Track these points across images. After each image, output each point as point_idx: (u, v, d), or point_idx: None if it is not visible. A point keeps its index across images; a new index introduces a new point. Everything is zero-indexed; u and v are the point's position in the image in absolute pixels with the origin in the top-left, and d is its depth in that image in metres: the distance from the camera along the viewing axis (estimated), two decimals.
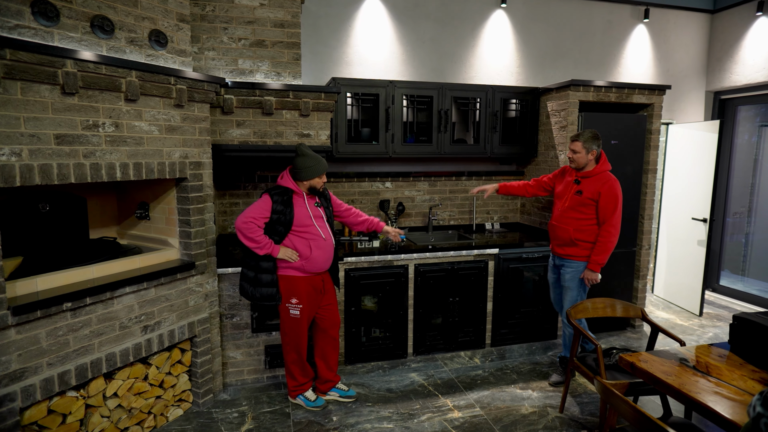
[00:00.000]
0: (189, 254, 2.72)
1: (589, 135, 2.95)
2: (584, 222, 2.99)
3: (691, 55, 4.92)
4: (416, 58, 4.06)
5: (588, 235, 2.99)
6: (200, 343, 2.80)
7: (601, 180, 2.94)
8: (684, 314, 4.53)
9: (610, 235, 2.92)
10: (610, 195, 2.90)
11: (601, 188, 2.91)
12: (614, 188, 2.92)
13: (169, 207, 2.75)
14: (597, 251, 2.94)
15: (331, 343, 2.92)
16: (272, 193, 2.64)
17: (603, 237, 2.92)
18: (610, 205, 2.90)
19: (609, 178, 2.95)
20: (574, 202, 3.02)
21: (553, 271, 3.27)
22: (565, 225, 3.06)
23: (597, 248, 2.94)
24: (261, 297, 2.68)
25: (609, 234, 2.92)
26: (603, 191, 2.90)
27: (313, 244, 2.68)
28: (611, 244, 2.93)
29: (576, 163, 3.00)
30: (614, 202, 2.90)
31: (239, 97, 2.96)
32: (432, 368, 3.38)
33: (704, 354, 2.02)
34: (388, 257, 3.36)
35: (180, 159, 2.60)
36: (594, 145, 2.95)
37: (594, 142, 2.95)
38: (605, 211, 2.91)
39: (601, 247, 2.92)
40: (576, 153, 2.98)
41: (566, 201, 3.08)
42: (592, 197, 2.94)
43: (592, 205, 2.95)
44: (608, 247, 2.93)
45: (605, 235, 2.91)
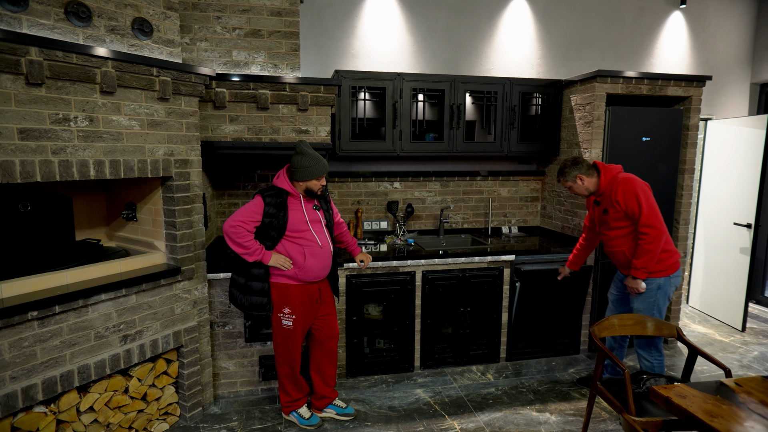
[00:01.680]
0: (175, 258, 2.54)
1: (563, 169, 2.73)
2: (630, 236, 2.65)
3: (735, 44, 4.48)
4: (428, 50, 3.79)
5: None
6: (188, 353, 2.61)
7: (613, 187, 2.63)
8: (724, 329, 4.11)
9: (647, 236, 2.52)
10: (627, 193, 2.57)
11: (616, 194, 2.60)
12: (629, 185, 2.58)
13: (155, 208, 2.58)
14: (636, 256, 2.58)
15: (328, 356, 2.70)
16: (265, 195, 2.43)
17: (641, 239, 2.55)
18: (631, 204, 2.56)
19: (618, 180, 2.63)
20: (606, 222, 2.71)
21: (618, 288, 2.90)
22: (617, 248, 2.72)
23: (636, 253, 2.58)
24: (251, 306, 2.48)
25: (646, 235, 2.53)
26: (618, 195, 2.59)
27: (307, 252, 2.46)
28: (651, 246, 2.53)
29: (580, 194, 2.77)
30: (633, 198, 2.54)
31: (232, 90, 2.77)
32: (440, 384, 3.11)
33: (758, 388, 1.69)
34: (394, 263, 3.11)
35: (164, 156, 2.42)
36: (575, 171, 2.69)
37: (573, 169, 2.69)
38: (632, 212, 2.57)
39: (640, 251, 2.56)
40: (570, 188, 2.77)
41: (601, 225, 2.78)
42: (616, 207, 2.62)
43: (622, 215, 2.61)
44: (648, 249, 2.53)
45: (643, 237, 2.54)
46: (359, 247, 2.88)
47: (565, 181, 2.74)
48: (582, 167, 2.69)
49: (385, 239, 3.58)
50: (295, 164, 2.41)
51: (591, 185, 2.69)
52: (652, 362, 2.68)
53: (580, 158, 2.72)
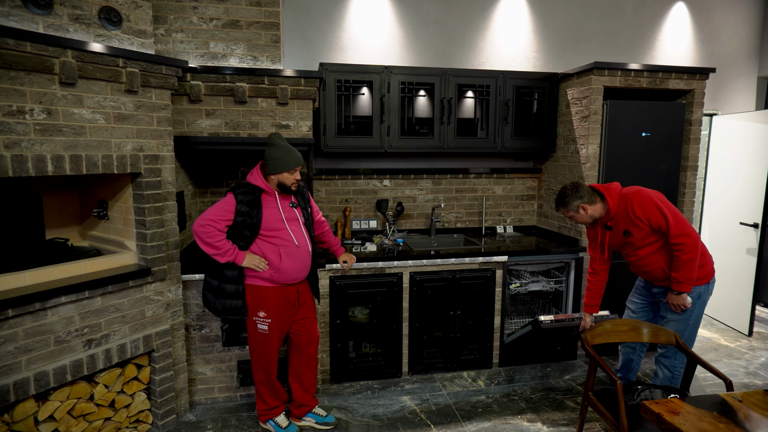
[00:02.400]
0: (145, 259, 2.42)
1: (565, 198, 2.42)
2: (663, 249, 2.36)
3: (741, 36, 4.30)
4: (419, 43, 3.65)
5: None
6: (160, 358, 2.50)
7: (626, 206, 2.35)
8: (730, 333, 3.93)
9: (683, 245, 2.24)
10: (645, 207, 2.29)
11: (635, 211, 2.32)
12: (643, 198, 2.31)
13: (125, 206, 2.47)
14: (675, 268, 2.29)
15: (307, 362, 2.57)
16: (237, 192, 2.31)
17: (677, 250, 2.27)
18: (655, 217, 2.28)
19: (628, 197, 2.35)
20: (632, 242, 2.41)
21: (641, 296, 2.62)
22: (653, 265, 2.42)
23: (674, 265, 2.30)
24: (224, 309, 2.36)
25: (681, 245, 2.24)
26: (638, 212, 2.31)
27: (283, 252, 2.33)
28: (690, 255, 2.24)
29: (585, 223, 2.48)
30: (655, 210, 2.27)
31: (207, 83, 2.65)
32: (428, 391, 2.97)
33: (759, 404, 1.54)
34: (379, 264, 2.97)
35: (133, 152, 2.30)
36: (577, 201, 2.38)
37: (574, 199, 2.39)
38: (659, 225, 2.29)
39: (678, 263, 2.27)
40: (572, 218, 2.47)
41: (624, 247, 2.48)
42: (640, 225, 2.33)
43: (649, 231, 2.34)
44: (687, 260, 2.24)
45: (678, 248, 2.25)
46: (343, 248, 2.75)
47: (567, 211, 2.44)
48: (584, 195, 2.38)
49: (374, 239, 3.45)
50: (266, 156, 2.29)
51: (596, 212, 2.40)
52: (674, 373, 2.43)
53: (580, 184, 2.41)
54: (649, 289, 2.58)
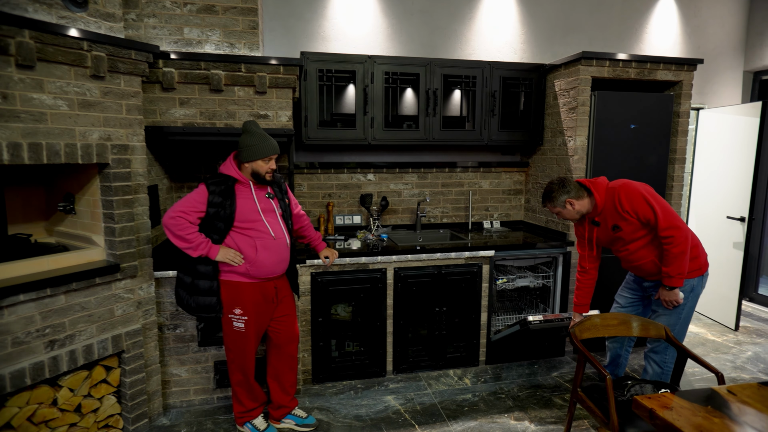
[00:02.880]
0: (114, 254, 2.29)
1: (550, 194, 2.37)
2: (654, 243, 2.31)
3: (727, 30, 4.28)
4: (404, 33, 3.56)
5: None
6: (130, 359, 2.37)
7: (613, 200, 2.30)
8: (717, 328, 3.91)
9: (673, 239, 2.18)
10: (633, 200, 2.24)
11: (622, 204, 2.26)
12: (630, 190, 2.26)
13: (92, 199, 2.33)
14: (665, 263, 2.24)
15: (287, 361, 2.46)
16: (209, 183, 2.20)
17: (666, 243, 2.22)
18: (643, 210, 2.23)
19: (615, 190, 2.30)
20: (621, 237, 2.35)
21: (631, 290, 2.56)
22: (643, 259, 2.36)
23: (664, 260, 2.24)
24: (198, 307, 2.24)
25: (671, 239, 2.19)
26: (626, 205, 2.26)
27: (259, 244, 2.22)
28: (680, 248, 2.18)
29: (572, 219, 2.43)
30: (643, 203, 2.22)
31: (181, 70, 2.52)
32: (413, 390, 2.88)
33: (754, 397, 1.48)
34: (362, 259, 2.88)
35: (99, 141, 2.17)
36: (564, 196, 2.33)
37: (561, 194, 2.33)
38: (647, 219, 2.24)
39: (668, 256, 2.21)
40: (559, 214, 2.41)
41: (614, 243, 2.42)
42: (628, 218, 2.28)
43: (638, 225, 2.28)
44: (677, 253, 2.19)
45: (668, 241, 2.20)
46: (324, 243, 2.65)
47: (553, 206, 2.38)
48: (571, 190, 2.33)
49: (357, 234, 3.35)
50: (240, 144, 2.20)
51: (583, 207, 2.35)
52: (663, 368, 2.38)
53: (567, 179, 2.36)
54: (640, 284, 2.52)
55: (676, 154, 3.39)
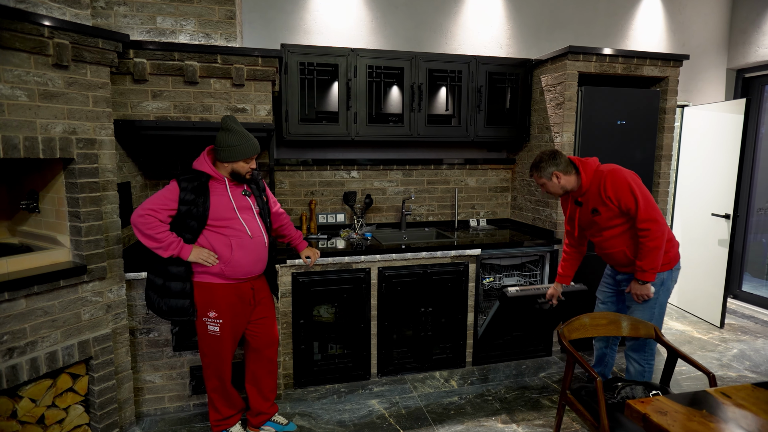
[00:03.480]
0: (80, 255, 2.16)
1: (540, 162, 2.35)
2: (629, 233, 2.30)
3: (711, 27, 4.29)
4: (388, 26, 3.47)
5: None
6: (99, 365, 2.24)
7: (599, 182, 2.28)
8: (702, 325, 3.91)
9: (649, 231, 2.18)
10: (618, 187, 2.22)
11: (606, 189, 2.25)
12: (618, 177, 2.24)
13: (57, 197, 2.20)
14: (640, 255, 2.22)
15: (266, 365, 2.36)
16: (180, 179, 2.08)
17: (642, 236, 2.20)
18: (626, 198, 2.21)
19: (603, 173, 2.28)
20: (598, 222, 2.34)
21: (609, 285, 2.56)
22: (614, 248, 2.36)
23: (639, 252, 2.23)
24: (170, 310, 2.12)
25: (648, 231, 2.18)
26: (609, 191, 2.24)
27: (235, 243, 2.11)
28: (655, 242, 2.18)
29: (555, 194, 2.40)
30: (628, 191, 2.20)
31: (153, 61, 2.40)
32: (398, 393, 2.80)
33: (749, 399, 1.43)
34: (345, 259, 2.78)
35: (63, 134, 2.04)
36: (552, 168, 2.32)
37: (550, 164, 2.33)
38: (628, 208, 2.22)
39: (643, 249, 2.20)
40: (543, 185, 2.40)
41: (590, 226, 2.41)
42: (609, 204, 2.26)
43: (617, 212, 2.27)
44: (652, 247, 2.18)
45: (644, 234, 2.19)
46: (306, 242, 2.54)
47: (539, 177, 2.37)
48: (560, 163, 2.32)
49: (341, 233, 3.26)
50: (219, 142, 2.07)
51: (568, 184, 2.34)
52: (644, 366, 2.38)
53: (558, 152, 2.35)
54: (614, 277, 2.53)
55: (662, 150, 3.36)
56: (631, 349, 2.41)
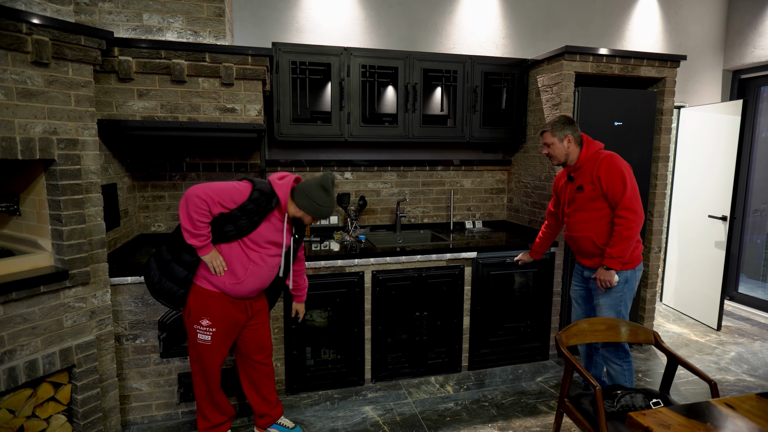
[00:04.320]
0: (62, 260, 2.09)
1: (558, 121, 2.42)
2: (602, 220, 2.35)
3: (707, 28, 4.27)
4: (382, 26, 3.42)
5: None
6: (82, 374, 2.16)
7: (595, 161, 2.35)
8: (699, 328, 3.88)
9: (626, 220, 2.23)
10: (611, 171, 2.27)
11: (598, 170, 2.31)
12: (614, 163, 2.30)
13: (38, 199, 2.12)
14: (612, 242, 2.28)
15: (260, 368, 2.29)
16: (256, 188, 1.97)
17: (617, 224, 2.26)
18: (615, 183, 2.26)
19: (601, 155, 2.35)
20: (578, 201, 2.41)
21: (579, 283, 2.60)
22: (583, 232, 2.42)
23: (612, 239, 2.28)
24: (161, 290, 2.03)
25: (624, 219, 2.24)
26: (601, 171, 2.30)
27: (251, 270, 2.04)
28: (629, 232, 2.24)
29: (556, 158, 2.44)
30: (619, 177, 2.26)
31: (139, 59, 2.32)
32: (393, 399, 2.74)
33: (754, 411, 1.38)
34: (338, 262, 2.72)
35: (43, 135, 1.96)
36: (568, 130, 2.39)
37: (566, 127, 2.40)
38: (613, 192, 2.27)
39: (616, 237, 2.26)
40: (550, 146, 2.44)
41: (569, 204, 2.47)
42: (594, 186, 2.32)
43: (600, 195, 2.32)
44: (625, 236, 2.24)
45: (620, 222, 2.25)
46: (305, 296, 2.44)
47: (552, 135, 2.40)
48: (576, 131, 2.40)
49: (334, 236, 3.19)
50: (310, 193, 2.00)
51: (573, 153, 2.40)
52: (622, 365, 2.40)
53: (576, 123, 2.43)
54: (582, 273, 2.57)
55: (659, 152, 3.33)
56: (606, 349, 2.43)
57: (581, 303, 2.61)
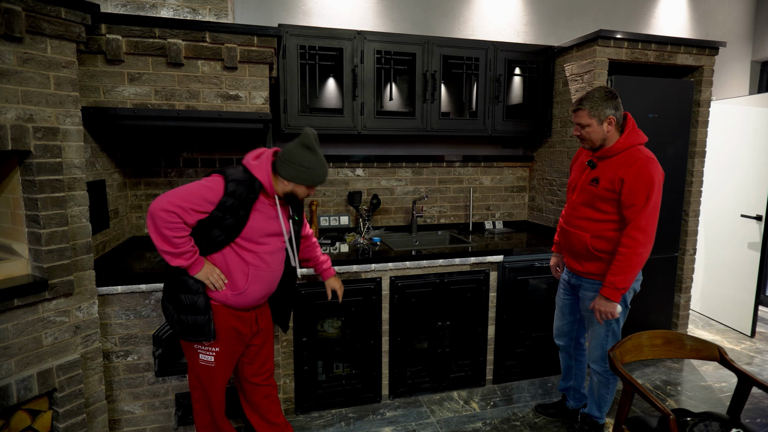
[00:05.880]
0: (40, 268, 1.80)
1: (597, 96, 1.97)
2: (606, 225, 2.01)
3: (735, 17, 4.04)
4: (395, 10, 3.15)
5: (615, 245, 2.00)
6: (65, 398, 1.88)
7: (627, 159, 1.93)
8: (731, 334, 3.64)
9: (637, 243, 1.88)
10: (640, 177, 1.88)
11: (625, 172, 1.91)
12: (646, 170, 1.89)
13: (13, 197, 1.83)
14: (615, 269, 1.93)
15: (262, 391, 2.00)
16: (230, 179, 1.67)
17: (625, 246, 1.90)
18: (639, 193, 1.88)
19: (639, 155, 1.92)
20: (588, 194, 2.04)
21: (566, 291, 2.30)
22: (579, 230, 2.09)
23: (616, 264, 1.93)
24: (182, 329, 1.73)
25: (635, 242, 1.88)
26: (628, 175, 1.90)
27: (252, 274, 1.75)
28: (638, 258, 1.90)
29: (590, 141, 2.02)
30: (645, 188, 1.88)
31: (130, 38, 2.04)
32: (414, 418, 2.47)
33: None
34: (354, 268, 2.45)
35: (16, 122, 1.68)
36: (609, 109, 1.94)
37: (607, 103, 1.94)
38: (632, 203, 1.90)
39: (623, 261, 1.91)
40: (585, 127, 1.99)
41: (577, 192, 2.11)
42: (612, 187, 1.94)
43: (614, 198, 1.96)
44: (633, 263, 1.90)
45: (629, 243, 1.89)
46: (333, 270, 2.15)
47: (589, 115, 1.96)
48: (619, 109, 1.97)
49: (346, 238, 2.92)
50: (293, 157, 1.70)
51: (611, 137, 1.98)
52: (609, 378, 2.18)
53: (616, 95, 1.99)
54: (569, 281, 2.26)
55: (696, 146, 3.09)
56: (592, 360, 2.19)
57: (566, 313, 2.32)
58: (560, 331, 2.38)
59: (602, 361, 2.16)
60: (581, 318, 2.30)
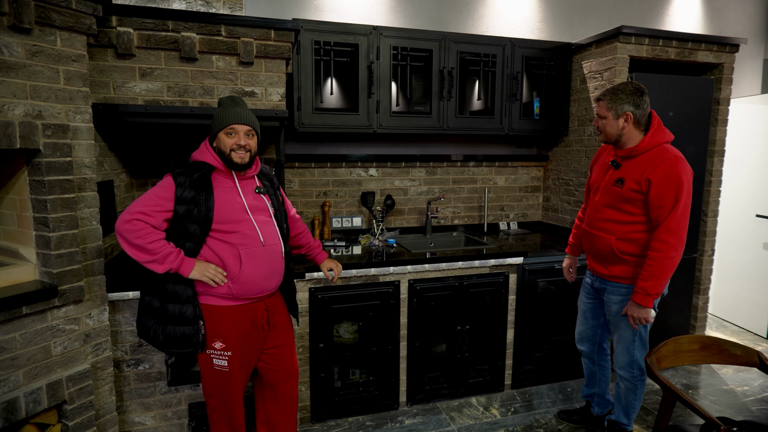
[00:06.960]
0: (50, 273, 1.70)
1: (621, 90, 1.90)
2: (632, 227, 1.94)
3: (748, 15, 4.00)
4: (409, 5, 3.07)
5: (642, 247, 1.94)
6: (75, 411, 1.78)
7: (654, 159, 1.86)
8: (746, 336, 3.60)
9: (668, 247, 1.81)
10: (669, 177, 1.81)
11: (652, 172, 1.83)
12: (674, 169, 1.81)
13: (20, 198, 1.73)
14: (647, 274, 1.85)
15: (284, 405, 1.92)
16: (177, 172, 1.65)
17: (656, 250, 1.83)
18: (667, 193, 1.81)
19: (666, 154, 1.85)
20: (612, 195, 1.97)
21: (589, 295, 2.22)
22: (603, 232, 2.01)
23: (647, 269, 1.86)
24: (168, 340, 1.67)
25: (666, 245, 1.82)
26: (655, 176, 1.83)
27: (244, 254, 1.67)
28: (670, 262, 1.82)
29: (605, 134, 1.97)
30: (674, 188, 1.80)
31: (142, 31, 1.95)
32: (434, 426, 2.40)
33: None
34: (372, 271, 2.37)
35: (24, 118, 1.58)
36: (628, 104, 1.88)
37: (628, 98, 1.88)
38: (660, 205, 1.83)
39: (654, 266, 1.84)
40: (602, 118, 1.95)
41: (600, 193, 2.03)
42: (638, 188, 1.87)
43: (640, 200, 1.89)
44: (665, 267, 1.83)
45: (660, 248, 1.82)
46: (326, 252, 2.12)
47: (608, 107, 1.91)
48: (641, 107, 1.89)
49: (360, 239, 2.84)
50: (213, 117, 1.72)
51: (628, 136, 1.92)
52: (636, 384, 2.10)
53: (647, 94, 1.91)
54: (593, 285, 2.19)
55: (715, 145, 3.04)
56: (619, 366, 2.12)
57: (589, 317, 2.24)
58: (583, 335, 2.31)
59: (629, 366, 2.09)
60: (605, 322, 2.23)
